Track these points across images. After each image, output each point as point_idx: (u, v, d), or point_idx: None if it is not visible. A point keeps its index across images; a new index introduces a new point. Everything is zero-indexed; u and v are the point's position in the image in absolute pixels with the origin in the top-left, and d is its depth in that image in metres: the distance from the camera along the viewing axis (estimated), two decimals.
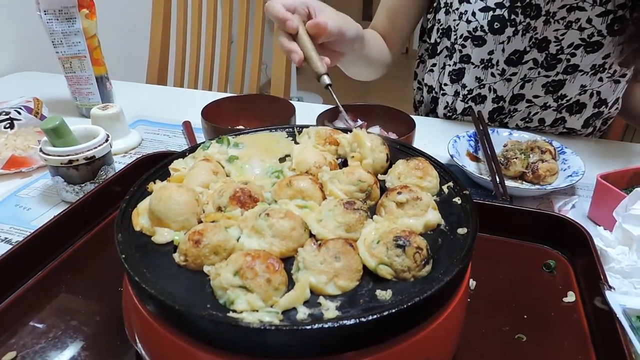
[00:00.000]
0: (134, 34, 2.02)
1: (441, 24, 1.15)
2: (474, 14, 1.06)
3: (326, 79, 0.78)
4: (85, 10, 1.14)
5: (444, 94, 1.22)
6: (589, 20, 1.00)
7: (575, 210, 0.86)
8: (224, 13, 1.71)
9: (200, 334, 0.41)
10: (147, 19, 1.74)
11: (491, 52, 1.09)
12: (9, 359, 0.55)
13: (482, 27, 1.07)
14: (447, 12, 1.13)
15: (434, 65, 1.22)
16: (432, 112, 1.31)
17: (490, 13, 1.05)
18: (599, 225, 0.77)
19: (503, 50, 1.08)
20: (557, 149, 0.97)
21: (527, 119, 1.16)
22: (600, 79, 1.07)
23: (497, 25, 1.05)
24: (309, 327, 0.37)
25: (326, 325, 0.38)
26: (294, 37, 0.81)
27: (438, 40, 1.18)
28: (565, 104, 1.12)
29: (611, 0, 0.97)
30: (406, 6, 1.20)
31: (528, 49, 1.06)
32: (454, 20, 1.11)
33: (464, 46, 1.11)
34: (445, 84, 1.20)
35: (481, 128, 1.02)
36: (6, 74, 1.60)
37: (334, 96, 0.76)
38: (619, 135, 1.53)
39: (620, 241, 0.69)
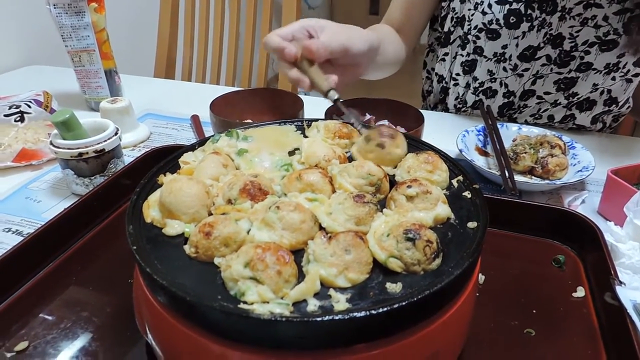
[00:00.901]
0: (142, 28, 2.02)
1: (455, 13, 1.14)
2: (490, 5, 1.05)
3: (333, 94, 0.74)
4: (94, 4, 1.14)
5: (455, 84, 1.21)
6: (605, 18, 0.99)
7: (585, 205, 0.85)
8: (231, 7, 1.71)
9: (211, 325, 0.41)
10: (155, 13, 1.74)
11: (505, 47, 1.08)
12: (21, 348, 0.56)
13: (497, 20, 1.05)
14: (462, 1, 1.12)
15: (445, 54, 1.21)
16: (441, 103, 1.30)
17: (507, 6, 1.03)
18: (609, 221, 0.76)
19: (517, 45, 1.06)
20: (567, 143, 0.96)
21: (536, 116, 1.15)
22: (613, 78, 1.06)
23: (512, 19, 1.04)
24: (319, 319, 0.38)
25: (336, 317, 0.38)
26: (296, 64, 0.78)
27: (452, 29, 1.16)
28: (575, 102, 1.11)
29: None
30: None
31: (542, 45, 1.05)
32: (469, 9, 1.09)
33: (477, 37, 1.10)
34: (458, 74, 1.19)
35: (490, 122, 1.02)
36: (16, 67, 1.61)
37: (344, 110, 0.70)
38: (629, 131, 1.52)
39: (630, 236, 0.69)
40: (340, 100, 0.73)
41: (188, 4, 1.73)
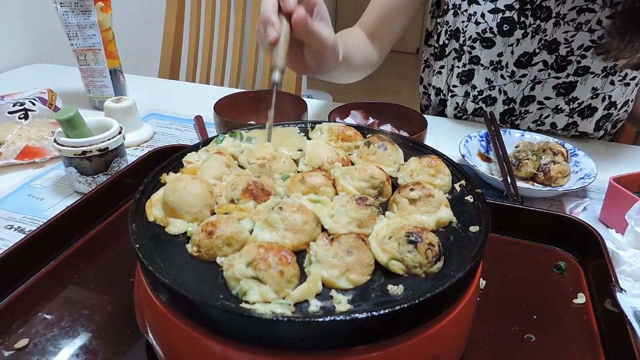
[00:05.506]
0: (147, 28, 2.03)
1: (449, 26, 1.15)
2: (483, 15, 1.06)
3: (277, 76, 0.71)
4: (100, 4, 1.15)
5: (453, 95, 1.22)
6: (598, 22, 0.99)
7: (587, 212, 0.85)
8: (237, 8, 1.71)
9: (213, 324, 0.41)
10: (161, 13, 1.75)
11: (500, 54, 1.09)
12: (21, 346, 0.56)
13: (491, 28, 1.06)
14: (455, 14, 1.13)
15: (442, 67, 1.22)
16: (439, 115, 1.31)
17: (500, 15, 1.05)
18: (611, 228, 0.76)
19: (512, 52, 1.07)
20: (570, 151, 0.96)
21: (539, 122, 1.16)
22: (612, 82, 1.07)
23: (506, 27, 1.05)
24: (320, 320, 0.38)
25: (338, 318, 0.38)
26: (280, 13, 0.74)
27: (446, 42, 1.18)
28: (577, 108, 1.11)
29: (621, 2, 0.97)
30: (402, 4, 1.16)
31: (537, 50, 1.06)
32: (463, 22, 1.11)
33: (473, 47, 1.11)
34: (455, 85, 1.20)
35: (493, 129, 1.02)
36: (21, 65, 1.61)
37: (273, 97, 0.68)
38: (631, 139, 1.52)
39: (632, 244, 0.69)
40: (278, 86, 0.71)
41: (194, 5, 1.74)
